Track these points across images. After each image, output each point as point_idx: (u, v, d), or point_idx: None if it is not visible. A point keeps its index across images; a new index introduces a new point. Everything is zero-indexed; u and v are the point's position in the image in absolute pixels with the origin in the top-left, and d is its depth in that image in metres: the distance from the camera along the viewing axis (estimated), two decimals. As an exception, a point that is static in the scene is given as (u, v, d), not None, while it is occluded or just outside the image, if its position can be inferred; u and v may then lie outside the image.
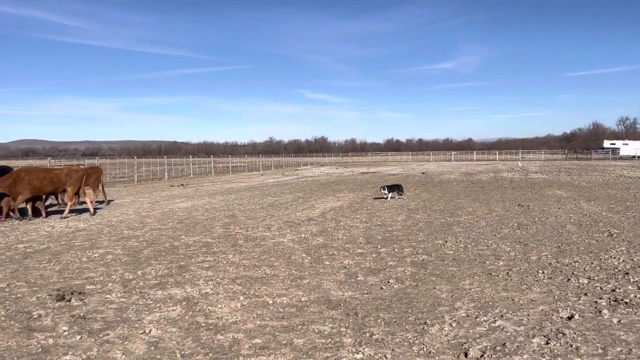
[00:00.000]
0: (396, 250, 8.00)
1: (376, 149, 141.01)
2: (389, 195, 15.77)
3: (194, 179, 35.22)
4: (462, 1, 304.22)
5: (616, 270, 6.41)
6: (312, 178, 31.35)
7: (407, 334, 4.40)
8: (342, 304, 5.29)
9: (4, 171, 13.84)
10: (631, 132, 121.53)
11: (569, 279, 6.02)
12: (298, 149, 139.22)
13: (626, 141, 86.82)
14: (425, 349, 4.06)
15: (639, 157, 72.65)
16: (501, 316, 4.77)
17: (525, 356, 3.85)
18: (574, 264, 6.80)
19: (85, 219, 12.45)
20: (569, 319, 4.66)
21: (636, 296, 5.26)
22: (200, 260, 7.47)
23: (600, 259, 7.06)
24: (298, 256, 7.66)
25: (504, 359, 3.84)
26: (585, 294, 5.41)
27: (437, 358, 3.91)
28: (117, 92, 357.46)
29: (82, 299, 5.57)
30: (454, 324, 4.60)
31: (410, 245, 8.33)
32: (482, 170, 37.06)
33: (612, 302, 5.09)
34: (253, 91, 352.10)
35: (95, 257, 7.83)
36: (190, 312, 5.11)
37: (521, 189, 19.59)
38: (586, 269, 6.51)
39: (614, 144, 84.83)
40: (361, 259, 7.43)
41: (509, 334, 4.32)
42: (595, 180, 23.97)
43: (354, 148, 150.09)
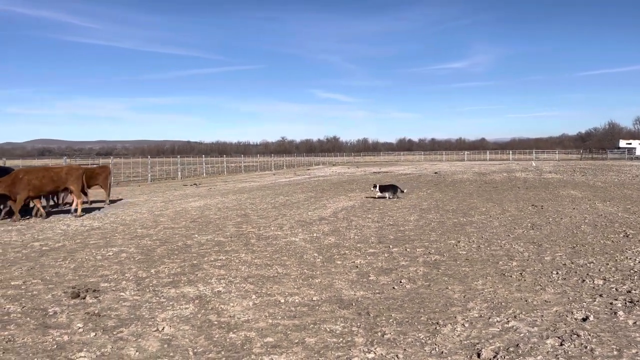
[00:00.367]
0: (408, 250, 7.97)
1: (388, 148, 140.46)
2: (378, 193, 15.98)
3: (207, 178, 35.42)
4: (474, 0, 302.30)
5: (632, 271, 6.32)
6: (324, 177, 31.35)
7: (419, 334, 4.38)
8: (353, 304, 5.28)
9: (5, 172, 13.45)
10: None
11: (583, 280, 5.96)
12: (310, 148, 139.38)
13: None
14: (437, 349, 4.05)
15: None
16: (514, 317, 4.73)
17: (539, 357, 3.82)
18: (589, 264, 6.72)
19: (99, 218, 12.58)
20: (584, 320, 4.61)
21: (653, 298, 5.19)
22: (212, 259, 7.51)
23: (616, 259, 6.97)
24: (310, 255, 7.67)
25: (517, 360, 3.81)
26: (601, 295, 5.35)
27: (449, 358, 3.89)
28: (132, 92, 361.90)
29: (97, 297, 5.64)
30: (466, 325, 4.57)
31: (423, 245, 8.30)
32: (495, 170, 36.77)
33: (627, 304, 5.02)
34: (265, 91, 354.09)
35: (109, 255, 7.92)
36: (203, 311, 5.14)
37: (535, 189, 19.40)
38: (601, 269, 6.43)
39: (630, 143, 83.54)
40: (373, 258, 7.42)
41: (522, 334, 4.29)
42: (611, 180, 23.66)
43: (366, 148, 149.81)
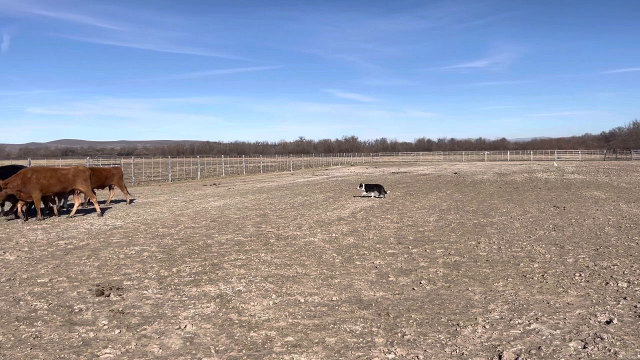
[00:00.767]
0: (428, 251, 7.94)
1: (407, 148, 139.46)
2: (364, 192, 16.54)
3: (226, 178, 35.71)
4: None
5: (658, 274, 6.20)
6: (342, 178, 31.35)
7: (440, 335, 4.37)
8: (373, 304, 5.29)
9: (14, 169, 13.50)
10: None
11: (607, 283, 5.86)
12: (328, 148, 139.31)
13: None
14: (457, 351, 4.03)
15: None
16: (536, 319, 4.69)
17: (561, 360, 3.78)
18: (612, 267, 6.61)
19: (122, 217, 12.80)
20: (608, 323, 4.55)
21: (679, 301, 5.09)
22: (233, 259, 7.59)
23: (641, 262, 6.84)
24: (329, 255, 7.70)
25: (539, 362, 3.77)
26: (625, 298, 5.26)
27: (470, 360, 3.88)
28: (152, 92, 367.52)
29: (121, 295, 5.75)
30: (487, 326, 4.55)
31: (442, 246, 8.25)
32: (516, 171, 36.29)
33: (653, 307, 4.93)
34: (283, 91, 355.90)
35: (132, 254, 8.06)
36: (224, 309, 5.21)
37: (557, 189, 19.11)
38: (626, 272, 6.32)
39: None
40: (392, 259, 7.41)
41: (544, 337, 4.25)
42: (636, 181, 23.16)
43: (384, 148, 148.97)
